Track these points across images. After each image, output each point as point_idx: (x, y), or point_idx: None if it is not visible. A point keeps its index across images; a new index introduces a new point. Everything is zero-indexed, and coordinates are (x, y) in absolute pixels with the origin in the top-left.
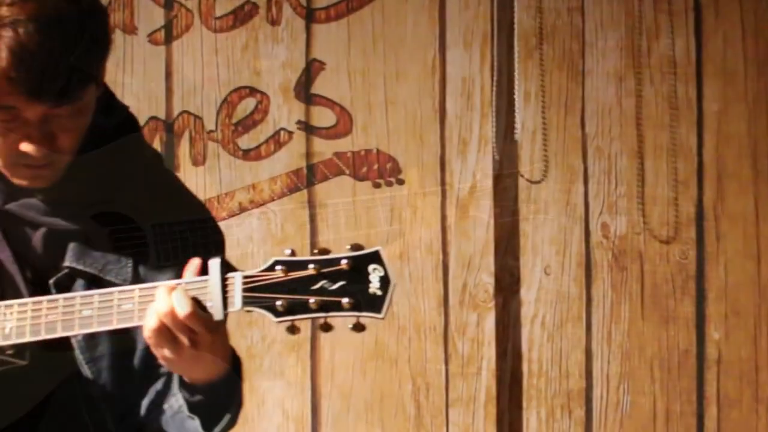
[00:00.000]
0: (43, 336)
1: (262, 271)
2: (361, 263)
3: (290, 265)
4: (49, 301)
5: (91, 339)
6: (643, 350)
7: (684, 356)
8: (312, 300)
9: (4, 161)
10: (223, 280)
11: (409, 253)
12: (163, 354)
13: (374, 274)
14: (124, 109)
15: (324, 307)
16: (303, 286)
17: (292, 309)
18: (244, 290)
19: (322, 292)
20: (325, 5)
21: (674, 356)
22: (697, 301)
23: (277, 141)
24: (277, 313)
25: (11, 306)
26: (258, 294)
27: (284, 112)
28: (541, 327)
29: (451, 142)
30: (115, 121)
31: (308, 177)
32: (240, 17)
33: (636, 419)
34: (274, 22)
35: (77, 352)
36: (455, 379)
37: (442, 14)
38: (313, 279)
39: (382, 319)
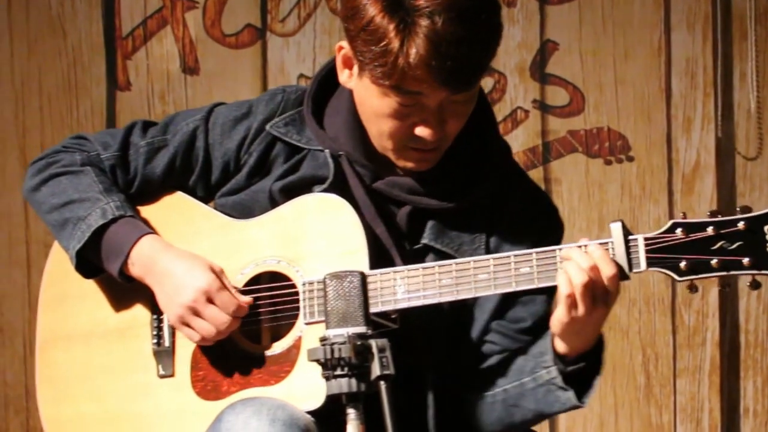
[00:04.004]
0: (440, 300)
1: (662, 233)
2: (756, 224)
3: (690, 227)
4: (440, 266)
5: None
6: None
7: None
8: (714, 260)
9: (395, 144)
10: (626, 242)
11: (639, 228)
12: (576, 314)
13: None
14: (485, 96)
15: (725, 266)
16: (703, 246)
17: (695, 268)
18: (647, 251)
19: (722, 251)
20: None
21: None
22: None
23: (514, 119)
24: (680, 273)
25: (400, 271)
26: (661, 255)
27: (520, 92)
28: (757, 300)
29: (677, 121)
30: (479, 108)
31: (544, 154)
32: None
33: None
34: (510, 4)
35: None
36: (682, 349)
37: None
38: (712, 240)
39: None
